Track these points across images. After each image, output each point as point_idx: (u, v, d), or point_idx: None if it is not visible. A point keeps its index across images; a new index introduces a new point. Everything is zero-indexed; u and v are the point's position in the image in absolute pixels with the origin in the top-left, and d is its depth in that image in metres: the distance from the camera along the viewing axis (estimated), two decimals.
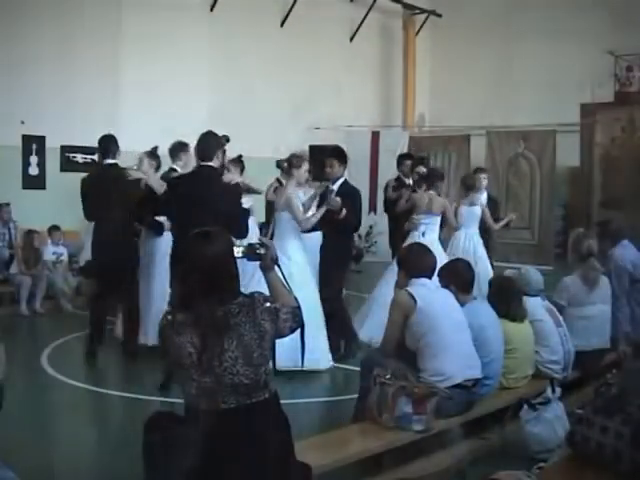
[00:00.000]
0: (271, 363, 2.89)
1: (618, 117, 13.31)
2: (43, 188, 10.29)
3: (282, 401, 2.90)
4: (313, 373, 5.93)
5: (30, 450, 4.22)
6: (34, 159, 10.30)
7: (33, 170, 10.30)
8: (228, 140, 6.51)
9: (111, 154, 6.49)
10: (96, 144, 6.77)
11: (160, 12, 11.41)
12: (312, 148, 13.17)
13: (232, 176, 6.70)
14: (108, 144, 6.54)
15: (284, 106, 12.99)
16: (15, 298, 8.78)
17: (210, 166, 5.55)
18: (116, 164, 6.50)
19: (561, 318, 5.12)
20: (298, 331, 3.01)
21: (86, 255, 9.59)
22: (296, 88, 13.38)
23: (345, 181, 6.75)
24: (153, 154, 6.91)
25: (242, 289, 2.88)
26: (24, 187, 10.18)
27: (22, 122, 9.99)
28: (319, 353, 5.95)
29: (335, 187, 6.54)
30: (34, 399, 5.45)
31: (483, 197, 8.24)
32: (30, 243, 9.08)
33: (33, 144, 10.26)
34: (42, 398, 5.56)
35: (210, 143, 5.60)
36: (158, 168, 6.91)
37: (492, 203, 8.47)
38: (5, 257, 9.19)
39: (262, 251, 3.01)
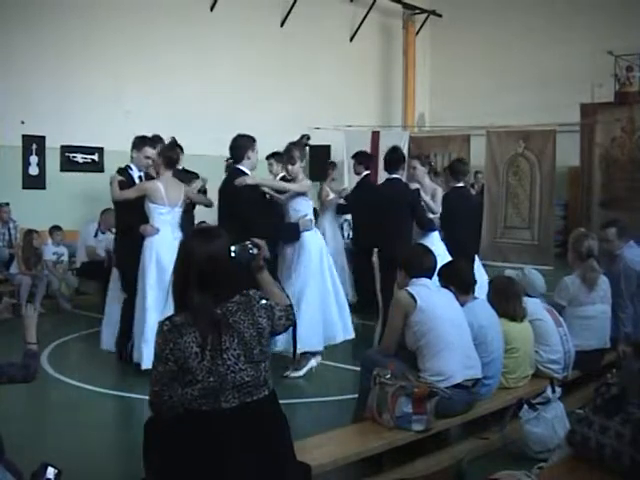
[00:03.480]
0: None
1: (618, 117, 13.31)
2: (43, 188, 10.29)
3: (282, 401, 2.91)
4: (313, 373, 5.96)
5: (30, 450, 4.21)
6: (34, 159, 10.29)
7: (33, 170, 10.29)
8: (309, 139, 6.26)
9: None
10: (96, 144, 6.75)
11: (160, 12, 11.43)
12: (312, 148, 13.24)
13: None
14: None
15: (284, 106, 12.98)
16: (15, 298, 8.77)
17: None
18: None
19: (561, 318, 5.13)
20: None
21: (81, 255, 9.64)
22: (296, 88, 13.38)
23: None
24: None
25: None
26: (24, 187, 10.18)
27: (22, 122, 9.99)
28: None
29: None
30: (34, 399, 5.45)
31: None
32: (30, 243, 9.07)
33: (33, 144, 10.25)
34: (42, 398, 5.55)
35: (240, 144, 5.74)
36: None
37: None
38: (5, 257, 9.20)
39: (254, 251, 3.00)
